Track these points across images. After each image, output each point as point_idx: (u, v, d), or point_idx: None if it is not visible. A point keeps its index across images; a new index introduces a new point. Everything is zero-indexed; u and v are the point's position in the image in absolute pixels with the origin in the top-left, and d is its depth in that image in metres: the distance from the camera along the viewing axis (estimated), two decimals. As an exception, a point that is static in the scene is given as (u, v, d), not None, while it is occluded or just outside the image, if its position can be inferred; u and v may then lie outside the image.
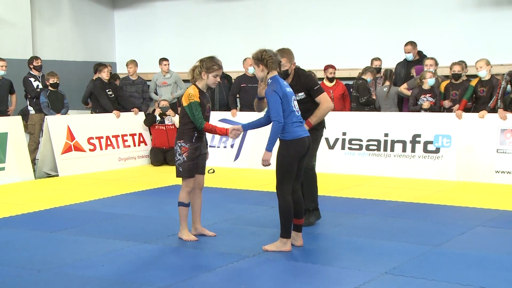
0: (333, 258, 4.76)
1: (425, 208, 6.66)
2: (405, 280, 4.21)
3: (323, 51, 11.46)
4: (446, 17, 10.66)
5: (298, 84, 5.71)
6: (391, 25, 11.05)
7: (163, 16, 13.49)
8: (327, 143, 9.47)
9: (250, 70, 10.35)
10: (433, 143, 8.68)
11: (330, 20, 11.68)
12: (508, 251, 4.85)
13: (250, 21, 12.50)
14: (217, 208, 6.74)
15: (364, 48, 11.04)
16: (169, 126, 10.44)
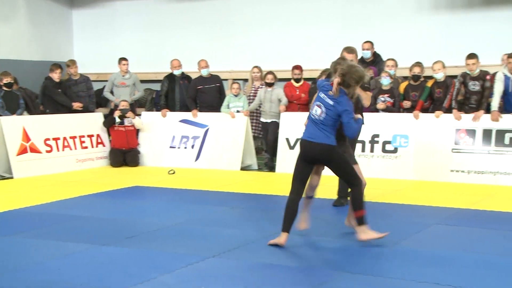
0: (292, 258, 4.78)
1: (383, 207, 6.76)
2: (363, 278, 4.26)
3: (289, 52, 11.50)
4: (403, 19, 10.84)
5: None
6: (352, 26, 11.17)
7: (123, 15, 13.32)
8: (288, 144, 9.52)
9: (204, 71, 10.34)
10: (391, 143, 8.82)
11: (295, 20, 11.74)
12: (462, 248, 4.96)
13: (213, 21, 12.46)
14: (177, 209, 6.69)
15: (328, 48, 11.13)
16: (129, 127, 10.33)
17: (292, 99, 9.87)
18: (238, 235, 5.43)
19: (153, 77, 12.44)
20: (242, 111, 9.97)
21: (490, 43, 9.73)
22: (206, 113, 10.25)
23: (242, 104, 10.08)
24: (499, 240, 5.24)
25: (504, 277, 4.21)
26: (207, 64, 10.37)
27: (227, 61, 12.09)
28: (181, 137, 10.26)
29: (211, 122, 10.14)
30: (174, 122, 10.40)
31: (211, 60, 10.69)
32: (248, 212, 6.65)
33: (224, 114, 10.03)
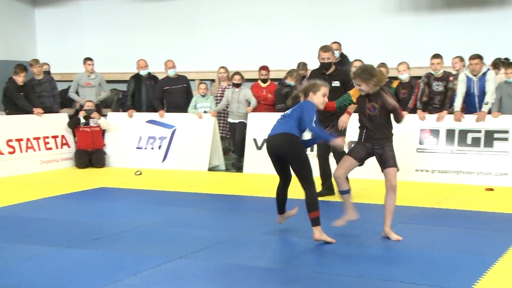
0: (260, 258, 4.78)
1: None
2: (329, 277, 4.29)
3: (256, 52, 11.53)
4: (369, 21, 10.97)
5: (337, 75, 7.22)
6: (318, 27, 11.26)
7: (88, 14, 13.16)
8: (255, 144, 9.54)
9: (170, 72, 10.28)
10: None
11: (262, 21, 11.77)
12: (426, 246, 5.04)
13: (180, 21, 12.40)
14: (144, 210, 6.64)
15: (295, 49, 11.20)
16: (94, 128, 10.20)
17: (259, 100, 9.89)
18: (206, 236, 5.41)
19: (119, 77, 12.32)
20: (210, 111, 9.94)
21: (452, 44, 9.91)
22: (173, 113, 10.19)
23: (209, 104, 10.06)
24: (462, 238, 5.34)
25: (467, 274, 4.29)
26: (174, 64, 10.31)
27: (194, 62, 12.05)
28: (148, 138, 10.18)
29: (178, 123, 10.09)
30: (140, 122, 10.31)
31: (178, 60, 10.64)
32: (215, 213, 6.64)
33: (191, 115, 9.99)
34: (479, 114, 8.25)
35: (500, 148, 8.15)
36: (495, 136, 8.20)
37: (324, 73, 7.27)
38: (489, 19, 10.16)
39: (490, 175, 8.13)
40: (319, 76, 7.26)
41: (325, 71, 7.28)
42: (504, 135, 8.19)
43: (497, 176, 8.10)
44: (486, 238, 5.26)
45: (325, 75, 7.23)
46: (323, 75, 7.23)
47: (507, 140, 8.17)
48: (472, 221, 6.01)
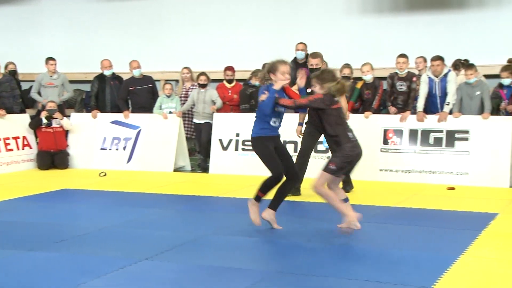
0: (225, 258, 4.78)
1: (315, 206, 6.87)
2: (295, 277, 4.31)
3: (221, 53, 11.52)
4: (333, 22, 11.08)
5: None
6: (283, 28, 11.32)
7: (49, 13, 12.93)
8: (221, 145, 9.53)
9: (135, 72, 10.19)
10: (323, 144, 8.97)
11: (227, 22, 11.77)
12: (390, 245, 5.11)
13: (144, 21, 12.30)
14: (108, 211, 6.57)
15: (260, 49, 11.23)
16: (57, 129, 10.04)
17: (224, 100, 9.89)
18: (171, 237, 5.38)
19: (82, 77, 12.16)
20: (175, 112, 9.89)
21: (414, 46, 10.08)
22: (138, 114, 10.11)
23: (174, 105, 10.01)
24: (424, 236, 5.43)
25: (429, 271, 4.37)
26: (139, 64, 10.23)
27: (160, 62, 11.97)
28: (112, 139, 10.08)
29: (143, 123, 10.01)
30: (105, 123, 10.20)
31: (143, 61, 10.56)
32: (181, 214, 6.61)
33: (157, 115, 9.93)
34: (441, 114, 8.41)
35: (461, 148, 8.33)
36: (456, 136, 8.37)
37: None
38: (450, 21, 10.37)
39: (451, 174, 8.30)
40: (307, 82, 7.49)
41: None
42: (465, 135, 8.37)
43: (458, 175, 8.28)
44: (447, 236, 5.37)
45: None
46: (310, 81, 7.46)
47: (467, 140, 8.34)
48: (434, 220, 6.12)
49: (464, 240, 5.20)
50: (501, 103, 8.37)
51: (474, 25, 10.18)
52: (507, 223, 5.96)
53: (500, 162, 8.14)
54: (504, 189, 7.94)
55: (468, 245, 5.04)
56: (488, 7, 10.21)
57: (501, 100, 8.36)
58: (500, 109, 8.40)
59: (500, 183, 8.05)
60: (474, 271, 4.42)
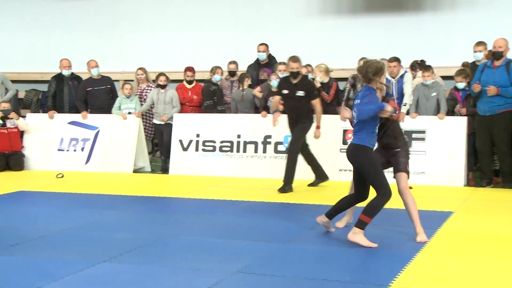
0: (186, 259, 4.76)
1: (275, 206, 6.91)
2: (255, 278, 4.33)
3: (181, 53, 11.46)
4: (293, 23, 11.15)
5: (302, 85, 7.64)
6: (244, 28, 11.33)
7: (5, 12, 12.62)
8: (181, 145, 9.48)
9: (93, 71, 10.06)
10: (283, 144, 9.03)
11: (187, 22, 11.71)
12: (349, 244, 5.15)
13: (101, 21, 12.13)
14: (66, 214, 6.46)
15: (221, 50, 11.21)
16: (12, 130, 9.81)
17: (184, 101, 9.85)
18: (130, 239, 5.32)
19: (38, 77, 11.91)
20: (134, 112, 9.80)
21: (372, 47, 10.21)
22: (96, 114, 9.97)
23: (134, 105, 9.91)
24: (382, 235, 5.49)
25: (387, 269, 4.43)
26: (97, 64, 10.09)
27: (119, 62, 11.83)
28: (70, 140, 9.92)
29: (102, 124, 9.88)
30: (62, 124, 10.02)
31: (102, 61, 10.43)
32: (141, 215, 6.55)
33: (115, 116, 9.81)
34: (398, 115, 8.54)
35: (418, 148, 8.48)
36: (413, 136, 8.52)
37: (291, 82, 7.69)
38: (406, 23, 10.56)
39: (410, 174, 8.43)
40: (286, 84, 7.79)
41: (292, 80, 7.68)
42: (421, 135, 8.53)
43: (415, 175, 8.41)
44: (405, 235, 5.46)
45: (292, 84, 7.67)
46: (290, 84, 7.69)
47: (424, 140, 8.51)
48: (392, 219, 6.20)
49: (421, 238, 5.30)
50: (456, 105, 8.56)
51: (429, 27, 10.40)
52: (462, 221, 6.11)
53: (455, 162, 8.33)
54: (459, 188, 8.13)
55: (425, 243, 5.14)
56: (443, 10, 10.44)
57: (457, 102, 8.56)
58: (455, 111, 8.60)
59: (456, 182, 8.23)
60: (431, 268, 4.51)
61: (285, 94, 7.77)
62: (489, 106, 7.85)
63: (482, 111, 7.95)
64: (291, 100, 7.73)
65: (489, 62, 7.96)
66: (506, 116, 7.83)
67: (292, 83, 7.71)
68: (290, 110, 7.81)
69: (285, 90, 7.77)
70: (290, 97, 7.72)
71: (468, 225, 5.45)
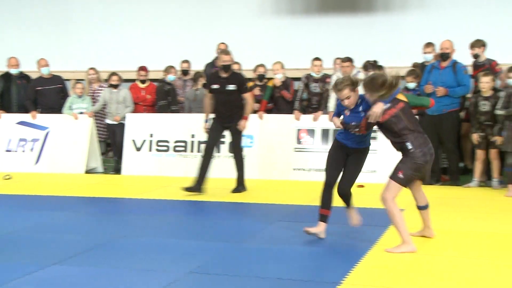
0: (138, 261, 4.70)
1: (229, 206, 6.90)
2: (209, 278, 4.31)
3: (134, 52, 11.33)
4: (247, 22, 11.16)
5: (233, 79, 7.39)
6: (198, 27, 11.27)
7: None
8: (134, 146, 9.36)
9: (43, 70, 9.83)
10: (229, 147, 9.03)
11: (141, 21, 11.59)
12: (302, 243, 5.20)
13: (52, 19, 11.87)
14: (14, 216, 6.28)
15: (174, 49, 11.13)
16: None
17: (137, 101, 9.74)
18: (81, 241, 5.23)
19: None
20: (86, 112, 9.63)
21: (326, 47, 10.33)
22: (46, 114, 9.75)
23: (86, 105, 9.74)
24: (336, 233, 5.55)
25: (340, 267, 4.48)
26: (47, 63, 9.87)
27: (70, 61, 11.60)
28: (18, 140, 9.67)
29: (52, 124, 9.66)
30: (10, 124, 9.75)
31: (54, 60, 10.22)
32: (92, 216, 6.43)
33: (66, 116, 9.61)
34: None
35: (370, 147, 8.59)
36: (366, 136, 8.63)
37: (221, 76, 7.44)
38: (359, 24, 10.71)
39: (361, 173, 8.54)
40: (216, 78, 7.51)
41: (223, 74, 7.44)
42: (373, 134, 8.64)
43: (367, 173, 8.54)
44: (356, 232, 5.53)
45: (221, 78, 7.42)
46: (220, 78, 7.43)
47: (375, 139, 8.64)
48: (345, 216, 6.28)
49: (372, 235, 5.39)
50: (407, 105, 8.72)
51: (381, 28, 10.57)
52: (412, 218, 6.22)
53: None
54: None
55: (376, 240, 5.22)
56: (394, 12, 10.64)
57: None
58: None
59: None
60: (382, 265, 4.58)
61: (215, 88, 7.45)
62: (437, 106, 8.01)
63: (430, 110, 8.12)
64: (222, 95, 7.39)
65: (436, 63, 8.16)
66: (453, 116, 8.05)
67: (222, 77, 7.41)
68: (221, 105, 7.43)
69: (215, 85, 7.44)
70: (221, 92, 7.40)
71: (418, 221, 5.54)
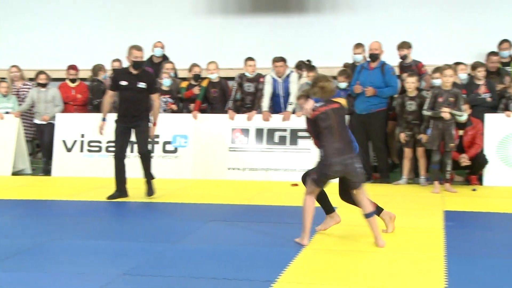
0: (69, 264, 4.57)
1: (164, 206, 6.83)
2: (143, 279, 4.24)
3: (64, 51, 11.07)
4: (180, 22, 11.09)
5: (144, 76, 7.05)
6: (130, 27, 11.10)
7: None
8: (65, 146, 9.12)
9: None
10: (172, 143, 8.95)
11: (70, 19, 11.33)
12: (238, 243, 5.20)
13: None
14: None
15: (104, 48, 10.91)
16: None
17: (67, 100, 9.50)
18: (8, 245, 5.03)
19: None
20: (13, 112, 9.30)
21: (259, 47, 10.40)
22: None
23: (12, 105, 9.42)
24: (269, 231, 5.60)
25: (274, 265, 4.52)
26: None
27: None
28: None
29: (-25, 124, 9.27)
30: None
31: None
32: (19, 220, 6.21)
33: (-8, 115, 9.25)
34: (285, 114, 8.76)
35: (303, 146, 8.73)
36: (299, 135, 8.76)
37: (131, 73, 7.04)
38: (291, 24, 10.85)
39: (295, 171, 8.66)
40: (125, 75, 7.04)
41: (133, 70, 7.04)
42: (306, 133, 8.77)
43: (301, 172, 8.59)
44: (291, 231, 5.57)
45: (131, 75, 7.02)
46: (130, 75, 7.02)
47: (309, 138, 8.77)
48: (279, 215, 6.34)
49: (306, 233, 5.44)
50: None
51: (313, 28, 10.74)
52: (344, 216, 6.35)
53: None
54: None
55: (310, 238, 5.29)
56: (325, 13, 10.83)
57: None
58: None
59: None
60: (316, 263, 4.64)
61: (123, 85, 6.98)
62: (365, 105, 8.28)
63: (359, 109, 8.35)
64: (131, 92, 6.95)
65: (366, 64, 8.39)
66: (380, 115, 8.29)
67: (133, 74, 6.98)
68: (129, 104, 6.97)
69: (123, 82, 6.98)
70: (130, 89, 6.95)
71: (351, 219, 5.66)
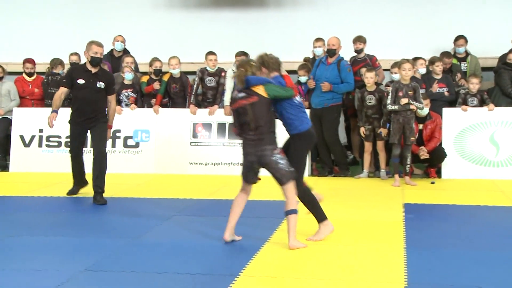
0: (28, 261, 4.50)
1: (126, 201, 6.78)
2: (105, 275, 4.21)
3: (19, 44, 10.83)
4: (140, 16, 10.98)
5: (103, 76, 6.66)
6: (88, 20, 10.94)
7: None
8: (22, 141, 8.94)
9: None
10: (133, 138, 8.87)
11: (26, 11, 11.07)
12: (200, 237, 5.20)
13: None
14: None
15: (62, 41, 10.72)
16: None
17: (24, 94, 9.31)
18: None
19: None
20: (-34, 106, 9.06)
21: (220, 42, 10.37)
22: None
23: (-34, 99, 9.16)
24: (240, 226, 5.62)
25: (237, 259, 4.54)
26: None
27: None
28: None
29: None
30: None
31: None
32: (-25, 217, 6.07)
33: None
34: None
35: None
36: (261, 129, 8.78)
37: (90, 71, 6.61)
38: (252, 19, 10.86)
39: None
40: (83, 73, 6.60)
41: (91, 68, 6.61)
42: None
43: (263, 166, 8.70)
44: (254, 224, 5.62)
45: (90, 73, 6.59)
46: (88, 73, 6.59)
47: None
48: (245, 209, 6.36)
49: (268, 227, 5.49)
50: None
51: (273, 23, 10.78)
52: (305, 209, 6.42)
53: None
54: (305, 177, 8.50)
55: (272, 232, 5.33)
56: (286, 7, 10.89)
57: (300, 96, 8.97)
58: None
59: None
60: (279, 256, 4.68)
61: (80, 84, 6.57)
62: (320, 100, 8.39)
63: (314, 104, 8.46)
64: (88, 92, 6.55)
65: (324, 59, 8.50)
66: (334, 110, 8.40)
67: (91, 72, 6.57)
68: (85, 104, 6.58)
69: (80, 80, 6.56)
70: (87, 88, 6.55)
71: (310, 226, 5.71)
